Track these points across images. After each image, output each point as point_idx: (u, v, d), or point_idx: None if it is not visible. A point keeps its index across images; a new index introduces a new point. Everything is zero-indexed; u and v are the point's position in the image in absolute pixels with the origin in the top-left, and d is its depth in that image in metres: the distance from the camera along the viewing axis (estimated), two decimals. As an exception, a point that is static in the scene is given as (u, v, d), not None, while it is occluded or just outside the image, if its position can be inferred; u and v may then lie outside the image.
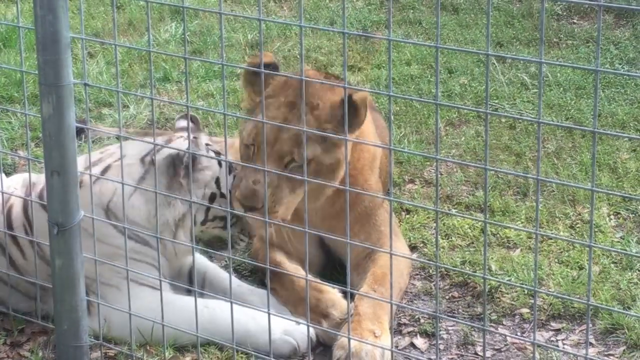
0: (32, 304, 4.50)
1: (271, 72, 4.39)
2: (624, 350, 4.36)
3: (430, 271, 5.01)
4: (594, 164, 3.01)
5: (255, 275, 4.98)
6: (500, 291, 4.78)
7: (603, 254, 5.06)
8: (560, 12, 9.31)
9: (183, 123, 4.66)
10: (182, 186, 4.39)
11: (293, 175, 4.18)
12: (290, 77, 4.33)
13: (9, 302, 4.51)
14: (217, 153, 4.53)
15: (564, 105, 7.06)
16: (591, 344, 4.41)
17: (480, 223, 5.36)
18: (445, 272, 4.96)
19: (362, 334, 4.21)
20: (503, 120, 6.76)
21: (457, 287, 4.89)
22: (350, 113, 4.16)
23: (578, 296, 4.69)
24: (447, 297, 4.80)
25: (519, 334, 4.51)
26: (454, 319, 4.29)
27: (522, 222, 5.42)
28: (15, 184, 4.74)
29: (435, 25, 8.89)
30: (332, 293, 4.46)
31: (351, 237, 4.62)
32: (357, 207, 4.74)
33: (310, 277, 3.92)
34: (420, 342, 4.47)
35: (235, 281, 4.68)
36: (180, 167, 4.39)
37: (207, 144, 4.54)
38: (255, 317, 4.30)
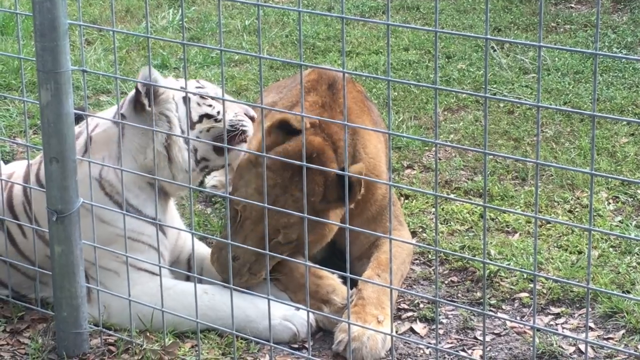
0: (33, 285, 4.49)
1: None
2: (623, 334, 4.37)
3: (430, 256, 5.01)
4: (593, 148, 3.01)
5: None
6: (499, 276, 4.78)
7: (602, 238, 5.06)
8: (558, -3, 9.32)
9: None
10: (151, 115, 4.30)
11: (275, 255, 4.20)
12: (288, 161, 4.16)
13: (9, 283, 4.51)
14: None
15: (562, 89, 7.06)
16: (591, 328, 4.41)
17: (479, 208, 5.36)
18: (445, 257, 4.96)
19: (366, 318, 4.22)
20: (501, 105, 6.77)
21: (456, 272, 4.89)
22: (345, 189, 3.99)
23: (577, 280, 4.70)
24: (446, 282, 4.80)
25: (518, 318, 4.51)
26: (453, 304, 4.29)
27: (520, 207, 5.42)
28: (15, 167, 4.75)
29: (433, 10, 8.88)
30: (331, 279, 4.46)
31: (358, 237, 4.63)
32: (365, 213, 4.71)
33: (309, 263, 3.91)
34: (419, 327, 4.47)
35: None
36: (141, 96, 4.35)
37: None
38: (255, 303, 4.30)
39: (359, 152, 4.65)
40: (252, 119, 4.55)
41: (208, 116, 4.48)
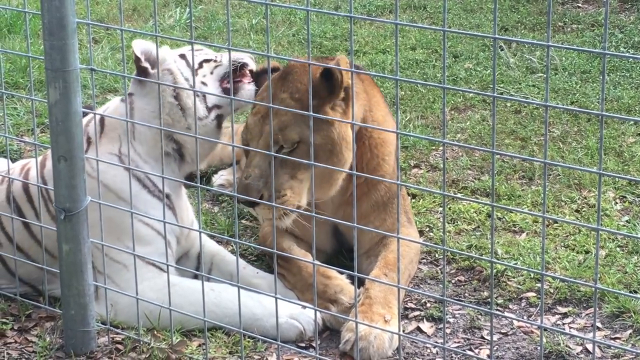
0: (43, 274, 4.49)
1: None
2: (630, 334, 4.36)
3: (437, 255, 5.01)
4: (601, 148, 3.01)
5: (262, 261, 4.99)
6: (506, 275, 4.78)
7: (609, 238, 5.06)
8: (565, -4, 9.31)
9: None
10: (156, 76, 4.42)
11: (285, 157, 4.23)
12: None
13: (20, 271, 4.54)
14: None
15: (570, 89, 7.06)
16: (598, 327, 4.41)
17: (486, 208, 5.36)
18: (452, 257, 4.96)
19: (373, 317, 4.22)
20: (508, 104, 6.76)
21: (463, 271, 4.89)
22: (329, 84, 4.38)
23: (584, 280, 4.69)
24: (453, 282, 4.80)
25: (525, 318, 4.51)
26: (460, 303, 4.29)
27: (528, 207, 5.42)
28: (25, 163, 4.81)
29: (439, 9, 8.88)
30: (339, 279, 4.46)
31: (366, 224, 4.64)
32: (373, 194, 4.73)
33: (317, 262, 3.92)
34: (426, 326, 4.47)
35: (242, 263, 4.70)
36: (141, 61, 4.46)
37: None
38: (262, 301, 4.31)
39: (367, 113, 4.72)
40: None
41: (207, 60, 4.61)
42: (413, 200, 5.50)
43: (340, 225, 4.77)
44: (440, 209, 5.42)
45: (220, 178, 5.76)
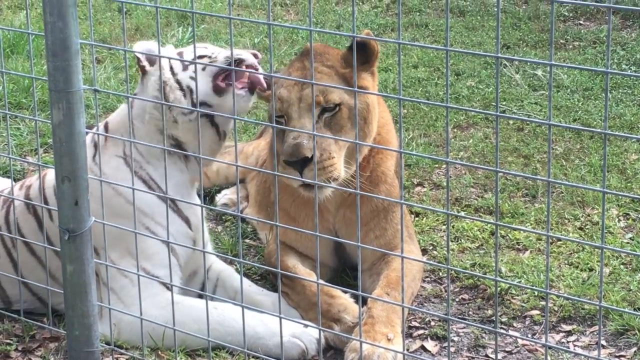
0: (52, 283, 4.49)
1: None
2: (635, 352, 4.36)
3: (441, 274, 5.01)
4: (604, 166, 3.01)
5: (266, 280, 4.98)
6: (510, 293, 4.78)
7: (613, 256, 5.06)
8: (566, 14, 9.33)
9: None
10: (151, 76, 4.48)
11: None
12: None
13: (31, 278, 4.57)
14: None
15: (572, 106, 7.07)
16: (602, 345, 4.40)
17: (489, 226, 5.36)
18: (455, 275, 4.96)
19: (375, 337, 4.22)
20: (511, 122, 6.77)
21: (467, 289, 4.89)
22: (362, 52, 4.52)
23: (588, 298, 4.69)
24: (457, 300, 4.80)
25: (529, 336, 4.50)
26: (464, 322, 4.28)
27: (531, 224, 5.41)
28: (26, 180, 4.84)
29: (441, 28, 8.89)
30: (343, 298, 4.46)
31: (366, 232, 4.66)
32: (373, 200, 4.74)
33: (321, 282, 3.92)
34: (431, 345, 4.47)
35: (247, 282, 4.71)
36: (141, 61, 4.50)
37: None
38: (265, 320, 4.31)
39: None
40: (255, 55, 4.59)
41: (202, 56, 4.56)
42: (416, 219, 5.50)
43: (340, 233, 4.77)
44: (444, 227, 5.42)
45: (224, 197, 5.76)
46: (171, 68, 4.52)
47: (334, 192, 4.68)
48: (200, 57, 4.54)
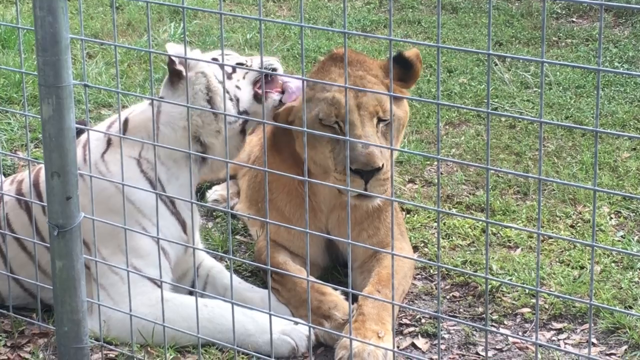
0: (43, 278, 4.48)
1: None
2: (625, 350, 4.35)
3: (431, 271, 5.00)
4: (595, 164, 3.00)
5: (257, 277, 4.97)
6: (501, 291, 4.77)
7: (604, 254, 5.05)
8: (559, 11, 9.32)
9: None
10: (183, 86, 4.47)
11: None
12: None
13: (22, 273, 4.56)
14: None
15: (564, 104, 7.06)
16: (593, 343, 4.40)
17: (480, 223, 5.35)
18: (446, 273, 4.95)
19: (366, 334, 4.21)
20: (503, 119, 6.76)
21: (458, 287, 4.88)
22: (406, 68, 4.61)
23: (579, 296, 4.68)
24: (448, 297, 4.79)
25: (520, 334, 4.50)
26: (455, 319, 4.27)
27: (522, 222, 5.41)
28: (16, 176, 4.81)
29: (434, 24, 8.88)
30: (334, 295, 4.45)
31: (359, 232, 4.66)
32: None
33: (312, 278, 3.91)
34: (421, 342, 4.46)
35: (237, 279, 4.70)
36: (175, 65, 4.47)
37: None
38: (254, 317, 4.30)
39: None
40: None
41: (240, 64, 4.62)
42: (408, 216, 5.50)
43: (332, 232, 4.77)
44: (435, 224, 5.41)
45: (215, 193, 5.74)
46: (215, 76, 4.52)
47: (329, 193, 4.68)
48: (239, 64, 4.60)
